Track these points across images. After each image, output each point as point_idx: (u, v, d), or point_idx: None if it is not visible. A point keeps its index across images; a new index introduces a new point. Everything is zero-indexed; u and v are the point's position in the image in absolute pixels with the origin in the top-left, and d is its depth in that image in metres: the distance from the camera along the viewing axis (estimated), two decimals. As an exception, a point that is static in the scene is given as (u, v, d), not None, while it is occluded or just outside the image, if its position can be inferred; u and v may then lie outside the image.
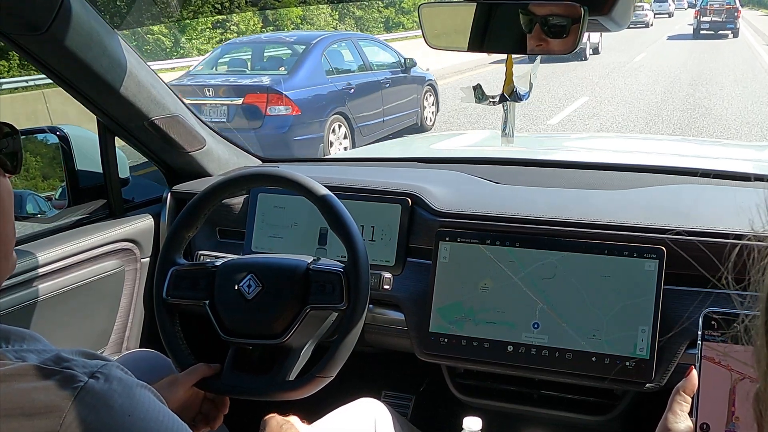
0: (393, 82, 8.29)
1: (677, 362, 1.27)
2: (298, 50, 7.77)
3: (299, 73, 7.13)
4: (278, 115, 6.62)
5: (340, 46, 8.08)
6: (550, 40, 1.06)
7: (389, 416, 1.36)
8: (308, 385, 1.20)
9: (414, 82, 8.76)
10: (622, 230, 1.33)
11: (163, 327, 1.28)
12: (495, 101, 1.99)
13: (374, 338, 1.52)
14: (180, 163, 1.72)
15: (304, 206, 1.51)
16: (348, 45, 8.22)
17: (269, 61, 8.08)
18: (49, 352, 0.66)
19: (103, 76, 1.39)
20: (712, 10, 24.83)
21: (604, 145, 2.96)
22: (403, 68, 8.57)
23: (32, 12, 1.22)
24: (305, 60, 7.30)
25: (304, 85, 6.99)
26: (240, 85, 7.08)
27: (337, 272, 1.22)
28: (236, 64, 8.11)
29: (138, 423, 0.63)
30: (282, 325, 1.22)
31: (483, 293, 1.38)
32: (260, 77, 7.28)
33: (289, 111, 6.64)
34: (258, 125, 6.57)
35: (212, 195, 1.32)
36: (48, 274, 1.43)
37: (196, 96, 6.70)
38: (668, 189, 1.53)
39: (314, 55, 7.42)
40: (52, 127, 1.63)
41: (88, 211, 1.63)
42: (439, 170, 1.74)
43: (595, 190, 1.54)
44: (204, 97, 6.71)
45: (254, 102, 6.65)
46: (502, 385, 1.47)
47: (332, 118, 7.06)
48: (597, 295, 1.31)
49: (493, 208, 1.44)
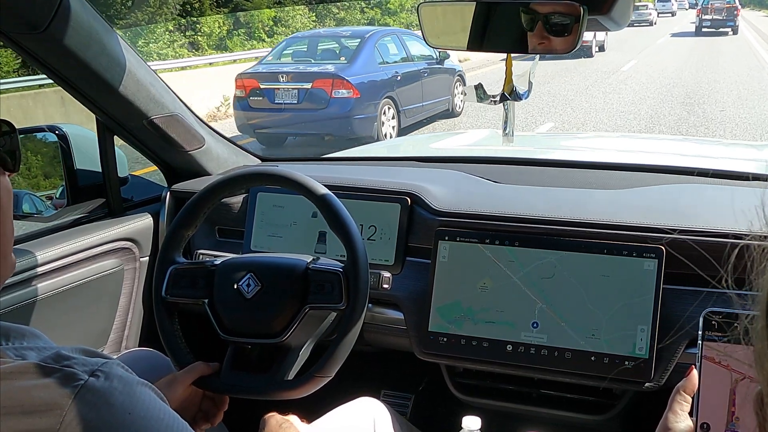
0: (430, 72, 9.45)
1: (676, 362, 1.27)
2: (344, 43, 9.12)
3: (357, 63, 8.31)
4: (341, 98, 7.82)
5: (388, 40, 9.33)
6: (552, 38, 1.06)
7: (388, 415, 1.36)
8: (307, 385, 1.20)
9: (446, 72, 9.89)
10: (622, 230, 1.33)
11: (162, 325, 1.28)
12: (496, 100, 1.99)
13: (373, 337, 1.52)
14: (179, 162, 1.72)
15: (304, 205, 1.51)
16: (393, 39, 9.47)
17: (322, 53, 9.34)
18: (49, 349, 0.65)
19: (102, 74, 1.39)
20: (713, 8, 26.12)
21: (604, 145, 2.96)
22: (437, 60, 9.63)
23: (31, 11, 1.22)
24: (361, 51, 8.49)
25: (361, 72, 8.16)
26: (308, 71, 8.25)
27: (337, 272, 1.22)
28: (299, 54, 9.40)
29: (138, 421, 0.63)
30: (281, 325, 1.22)
31: (482, 292, 1.38)
32: (325, 65, 8.49)
33: (351, 94, 7.83)
34: (324, 106, 7.78)
35: (212, 194, 1.31)
36: (47, 273, 1.43)
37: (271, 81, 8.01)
38: (668, 189, 1.53)
39: (368, 47, 8.60)
40: (51, 126, 1.63)
41: (87, 210, 1.63)
42: (439, 169, 1.74)
43: (594, 189, 1.54)
44: (278, 82, 7.96)
45: (321, 86, 7.82)
46: (502, 385, 1.47)
47: (383, 101, 8.23)
48: (596, 294, 1.31)
49: (492, 208, 1.44)
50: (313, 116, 7.83)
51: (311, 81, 7.91)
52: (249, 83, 8.21)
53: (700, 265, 1.05)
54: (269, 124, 8.27)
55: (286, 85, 7.93)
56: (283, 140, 8.76)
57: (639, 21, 30.70)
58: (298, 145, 8.59)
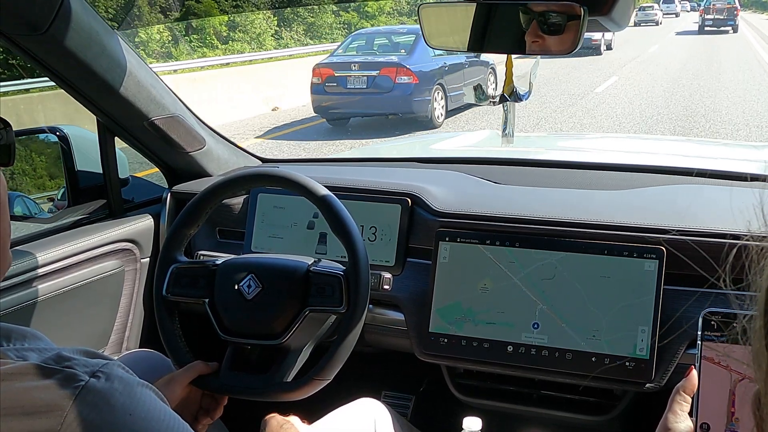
0: (470, 63, 10.71)
1: (677, 362, 1.27)
2: (394, 39, 10.96)
3: (415, 54, 9.81)
4: (404, 83, 9.51)
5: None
6: (546, 37, 1.06)
7: (389, 416, 1.36)
8: (305, 387, 1.20)
9: (482, 65, 11.08)
10: (622, 230, 1.33)
11: (162, 324, 1.28)
12: (495, 101, 1.99)
13: (374, 338, 1.52)
14: (180, 163, 1.72)
15: (305, 207, 1.51)
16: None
17: (379, 47, 11.05)
18: (50, 350, 0.66)
19: (103, 75, 1.39)
20: (715, 8, 28.78)
21: (604, 146, 2.96)
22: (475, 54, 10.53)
23: (32, 12, 1.22)
24: (417, 44, 9.89)
25: (419, 62, 9.66)
26: (376, 61, 10.03)
27: (338, 275, 1.22)
28: (362, 48, 11.19)
29: (139, 422, 0.63)
30: (281, 326, 1.22)
31: (483, 293, 1.38)
32: (389, 56, 10.27)
33: (411, 80, 9.49)
34: (389, 90, 9.57)
35: (214, 194, 1.32)
36: (48, 275, 1.43)
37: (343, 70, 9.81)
38: (668, 189, 1.53)
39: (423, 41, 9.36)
40: (51, 127, 1.63)
41: (87, 211, 1.63)
42: (439, 170, 1.74)
43: (595, 190, 1.54)
44: (350, 71, 9.77)
45: (387, 73, 9.57)
46: (502, 385, 1.47)
47: (435, 87, 9.77)
48: (597, 295, 1.31)
49: (492, 209, 1.44)
50: (379, 99, 9.59)
51: (378, 69, 9.67)
52: (325, 72, 9.95)
53: (700, 266, 1.05)
54: (342, 106, 9.98)
55: (356, 73, 9.74)
56: (346, 121, 10.42)
57: (646, 21, 33.80)
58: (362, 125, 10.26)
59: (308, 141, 9.48)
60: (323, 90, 9.89)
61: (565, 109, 10.93)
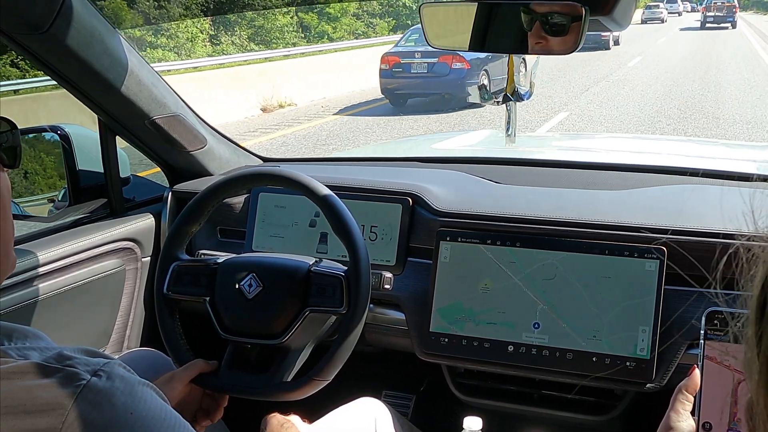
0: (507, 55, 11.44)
1: (678, 362, 1.26)
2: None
3: None
4: (458, 68, 11.39)
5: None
6: (549, 38, 1.06)
7: (389, 416, 1.36)
8: (305, 387, 1.20)
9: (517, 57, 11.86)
10: (623, 230, 1.33)
11: (163, 322, 1.28)
12: (498, 101, 1.99)
13: (375, 338, 1.52)
14: (181, 162, 1.72)
15: (306, 206, 1.51)
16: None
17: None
18: (51, 349, 0.66)
19: (104, 74, 1.39)
20: (715, 6, 32.22)
21: (605, 145, 2.96)
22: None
23: (33, 11, 1.22)
24: None
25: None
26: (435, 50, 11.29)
27: (338, 276, 1.22)
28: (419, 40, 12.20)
29: (140, 421, 0.63)
30: (281, 326, 1.22)
31: (483, 293, 1.38)
32: None
33: (464, 66, 11.35)
34: (447, 73, 11.48)
35: (216, 192, 1.32)
36: (48, 273, 1.43)
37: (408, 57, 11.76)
38: (669, 189, 1.53)
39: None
40: (53, 126, 1.63)
41: (88, 211, 1.63)
42: (440, 170, 1.74)
43: (596, 190, 1.54)
44: (413, 58, 11.66)
45: (444, 60, 11.37)
46: (503, 385, 1.47)
47: (482, 72, 11.44)
48: (598, 295, 1.31)
49: (493, 208, 1.44)
50: (437, 81, 11.56)
51: (437, 57, 11.31)
52: (392, 59, 11.96)
53: (702, 266, 1.05)
54: (405, 88, 12.01)
55: (418, 60, 11.63)
56: (406, 101, 12.22)
57: (652, 19, 37.45)
58: (420, 104, 12.02)
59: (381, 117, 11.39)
60: (390, 74, 11.88)
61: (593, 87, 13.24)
